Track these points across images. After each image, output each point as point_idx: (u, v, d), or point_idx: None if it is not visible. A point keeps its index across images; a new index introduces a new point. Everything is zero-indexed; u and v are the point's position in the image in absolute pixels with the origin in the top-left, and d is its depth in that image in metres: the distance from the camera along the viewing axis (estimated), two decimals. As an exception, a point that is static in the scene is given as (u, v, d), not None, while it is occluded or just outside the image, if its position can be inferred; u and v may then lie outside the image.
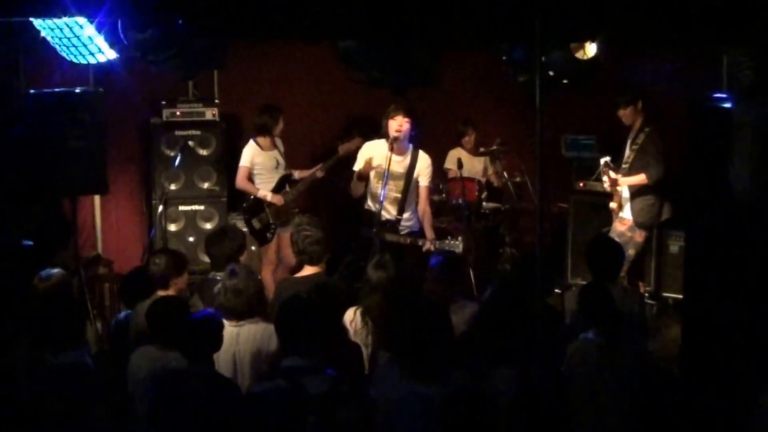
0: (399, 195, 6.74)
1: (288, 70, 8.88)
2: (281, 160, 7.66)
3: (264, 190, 7.57)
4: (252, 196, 7.65)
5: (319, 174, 7.63)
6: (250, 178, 7.63)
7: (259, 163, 7.59)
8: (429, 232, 6.82)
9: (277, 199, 7.54)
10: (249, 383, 4.69)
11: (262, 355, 4.91)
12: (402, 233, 6.73)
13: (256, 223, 7.64)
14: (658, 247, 7.55)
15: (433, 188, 7.30)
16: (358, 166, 6.85)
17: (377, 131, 6.84)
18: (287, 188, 7.62)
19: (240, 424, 4.14)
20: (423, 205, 6.88)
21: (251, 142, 7.64)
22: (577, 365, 4.64)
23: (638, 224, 7.17)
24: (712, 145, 6.52)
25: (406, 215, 6.80)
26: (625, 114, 7.15)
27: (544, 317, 4.49)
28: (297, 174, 7.81)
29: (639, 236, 7.19)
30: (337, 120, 9.03)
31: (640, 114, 7.16)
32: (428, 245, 6.59)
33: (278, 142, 7.71)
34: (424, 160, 6.81)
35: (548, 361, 4.38)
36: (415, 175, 6.77)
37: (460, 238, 6.62)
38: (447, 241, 6.60)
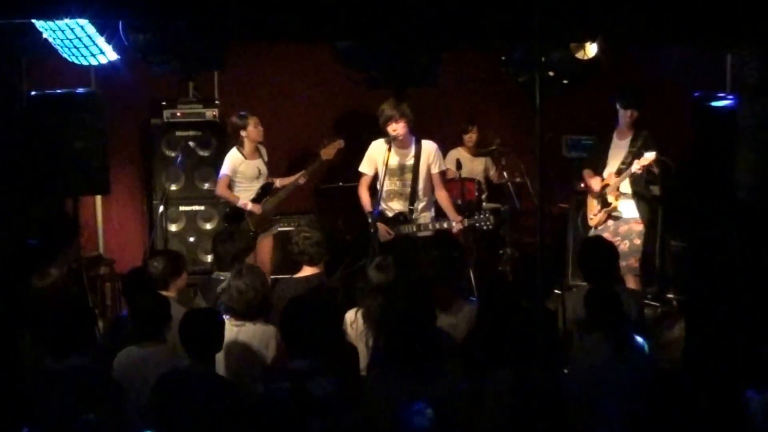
0: (408, 189, 6.69)
1: (288, 70, 8.86)
2: (263, 169, 7.47)
3: (243, 199, 7.38)
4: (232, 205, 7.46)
5: (302, 180, 7.49)
6: (231, 185, 7.45)
7: (240, 171, 7.40)
8: (453, 213, 6.68)
9: (257, 209, 7.34)
10: (241, 383, 4.68)
11: (259, 356, 4.92)
12: (419, 223, 6.65)
13: None
14: (662, 248, 7.52)
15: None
16: (364, 167, 6.86)
17: (378, 131, 6.83)
18: (268, 197, 7.44)
19: (242, 426, 4.13)
20: (438, 191, 6.78)
21: (234, 149, 7.44)
22: (584, 367, 4.64)
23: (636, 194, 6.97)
24: (715, 146, 6.52)
25: (420, 206, 6.73)
26: (627, 115, 6.87)
27: (541, 319, 4.49)
28: (278, 182, 7.61)
29: (637, 224, 6.97)
30: (336, 120, 9.02)
31: (635, 118, 6.92)
32: (457, 226, 6.52)
33: (262, 150, 7.52)
34: (428, 149, 6.75)
35: (546, 363, 4.37)
36: (422, 166, 6.70)
37: (488, 213, 6.51)
38: (477, 217, 6.50)
